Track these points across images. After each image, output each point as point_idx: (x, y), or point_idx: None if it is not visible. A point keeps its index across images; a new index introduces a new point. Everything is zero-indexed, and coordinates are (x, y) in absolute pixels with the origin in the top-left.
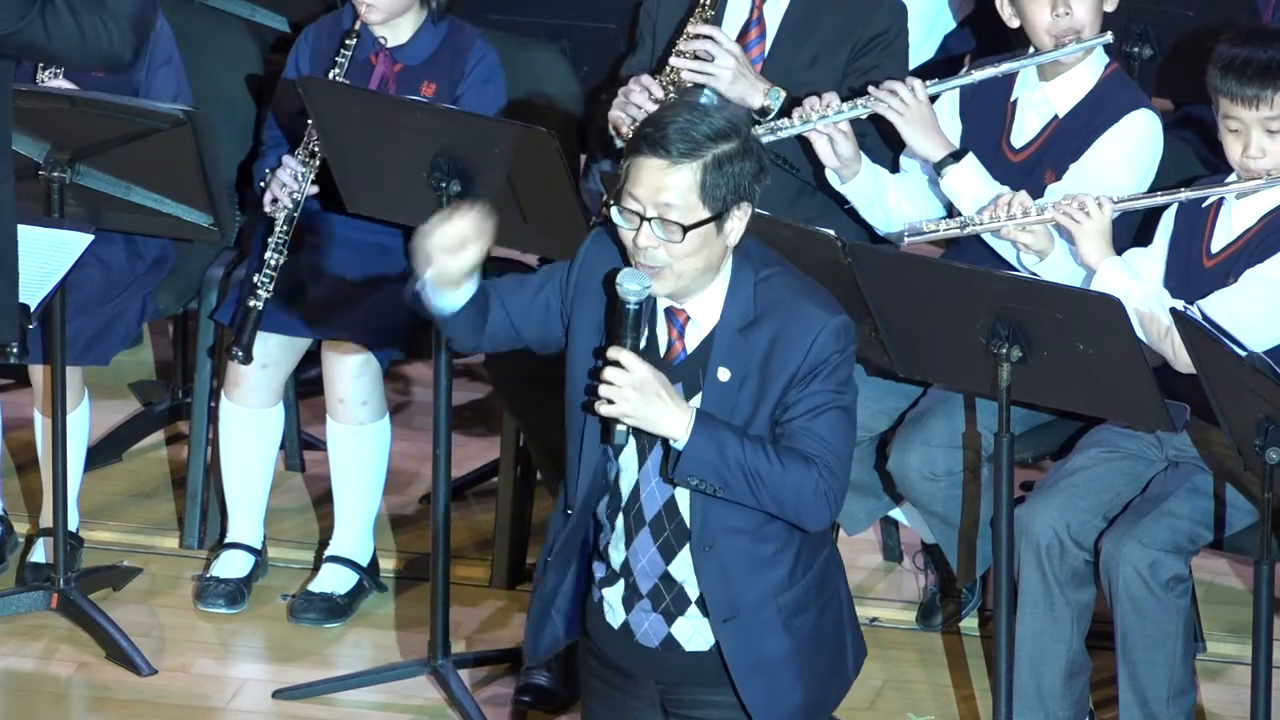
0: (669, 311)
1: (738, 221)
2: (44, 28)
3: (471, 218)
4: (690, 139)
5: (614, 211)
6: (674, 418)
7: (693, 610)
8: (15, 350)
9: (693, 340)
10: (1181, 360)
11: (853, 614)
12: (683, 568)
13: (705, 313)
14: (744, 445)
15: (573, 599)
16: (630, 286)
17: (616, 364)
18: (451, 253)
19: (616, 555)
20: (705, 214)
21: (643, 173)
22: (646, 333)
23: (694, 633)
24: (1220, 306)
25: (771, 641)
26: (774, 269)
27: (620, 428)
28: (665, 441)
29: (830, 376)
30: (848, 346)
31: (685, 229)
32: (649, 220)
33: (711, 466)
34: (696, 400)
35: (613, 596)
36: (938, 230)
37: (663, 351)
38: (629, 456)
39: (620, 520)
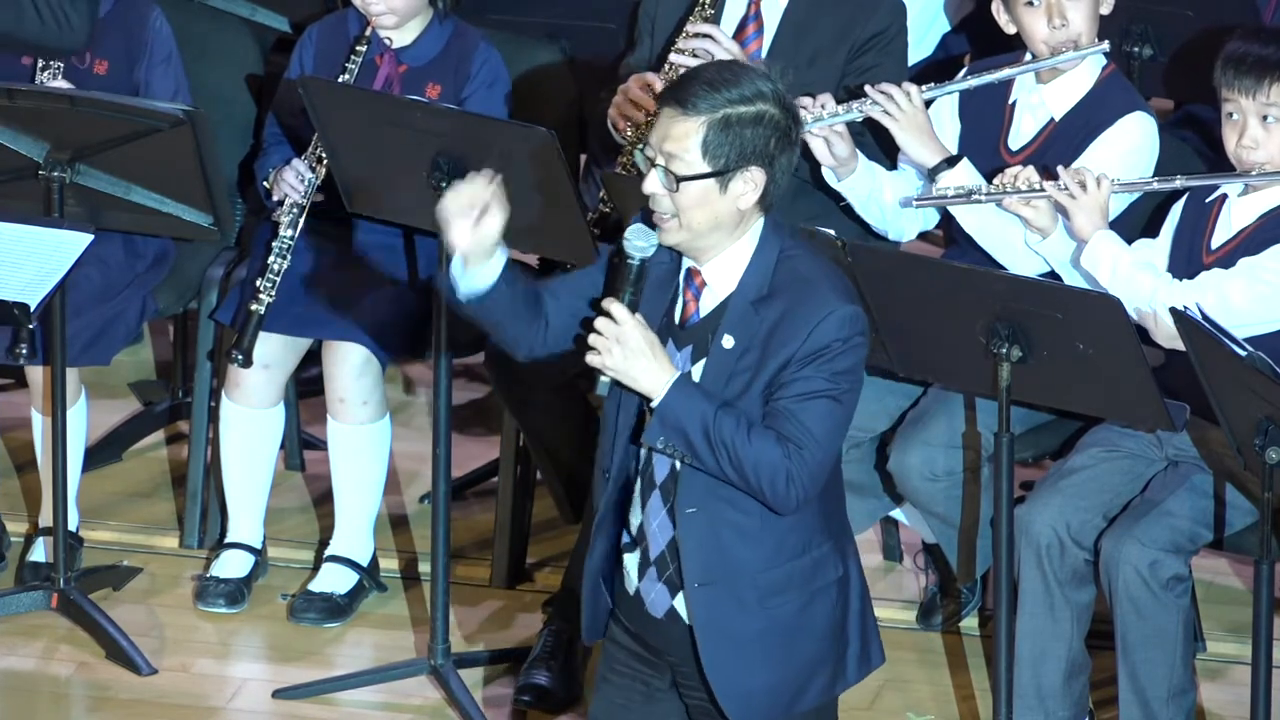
0: (688, 274)
1: (745, 185)
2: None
3: (482, 182)
4: (710, 95)
5: (637, 155)
6: (653, 376)
7: None
8: (25, 351)
9: (706, 305)
10: (1163, 333)
11: (864, 618)
12: None
13: (722, 280)
14: (716, 414)
15: (611, 567)
16: (636, 242)
17: (609, 315)
18: (471, 217)
19: (634, 519)
20: (704, 169)
21: (660, 120)
22: (665, 295)
23: None
24: (1210, 285)
25: (743, 617)
26: (800, 249)
27: (602, 379)
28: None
29: (828, 364)
30: (852, 336)
31: (679, 179)
32: (657, 166)
33: (679, 430)
34: (700, 366)
35: (630, 562)
36: (945, 198)
37: (677, 313)
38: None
39: (639, 483)
